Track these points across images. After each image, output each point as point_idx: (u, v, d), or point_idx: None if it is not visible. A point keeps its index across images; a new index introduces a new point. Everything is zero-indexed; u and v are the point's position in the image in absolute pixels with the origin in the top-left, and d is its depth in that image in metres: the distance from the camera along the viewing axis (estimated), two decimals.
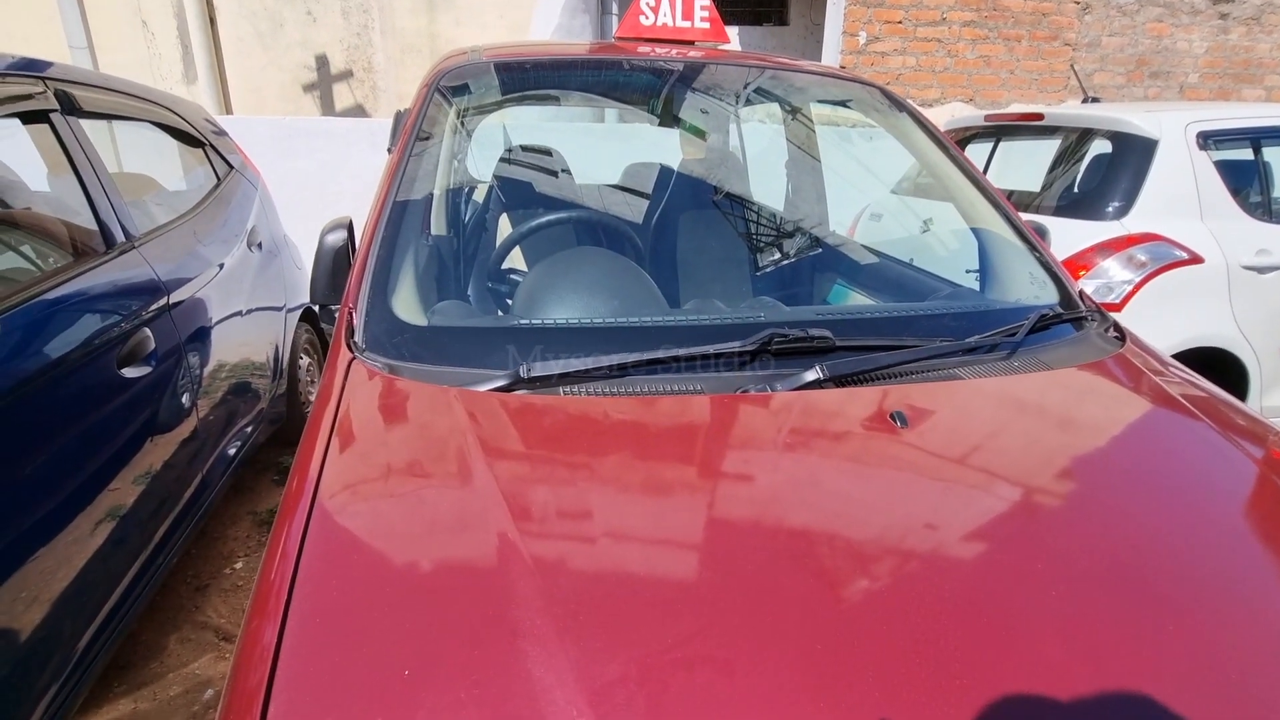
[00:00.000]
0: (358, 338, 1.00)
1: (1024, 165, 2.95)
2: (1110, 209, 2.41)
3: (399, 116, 1.52)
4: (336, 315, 1.16)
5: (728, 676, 0.55)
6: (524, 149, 1.99)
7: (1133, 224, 2.36)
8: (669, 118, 1.97)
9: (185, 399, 1.77)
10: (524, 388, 0.91)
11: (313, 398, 2.95)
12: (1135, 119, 2.47)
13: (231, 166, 2.63)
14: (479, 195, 1.89)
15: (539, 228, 1.60)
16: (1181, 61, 5.60)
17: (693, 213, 1.84)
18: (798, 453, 0.83)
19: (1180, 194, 2.38)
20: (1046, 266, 1.36)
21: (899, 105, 1.66)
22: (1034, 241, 1.41)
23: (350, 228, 1.23)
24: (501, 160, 1.94)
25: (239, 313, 2.21)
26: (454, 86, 1.48)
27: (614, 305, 1.26)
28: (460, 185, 1.76)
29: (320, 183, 3.94)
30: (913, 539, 0.72)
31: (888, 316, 1.18)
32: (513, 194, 1.85)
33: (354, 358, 0.97)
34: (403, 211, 1.20)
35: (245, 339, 2.25)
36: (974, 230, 1.49)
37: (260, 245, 2.55)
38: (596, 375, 0.92)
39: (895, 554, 0.70)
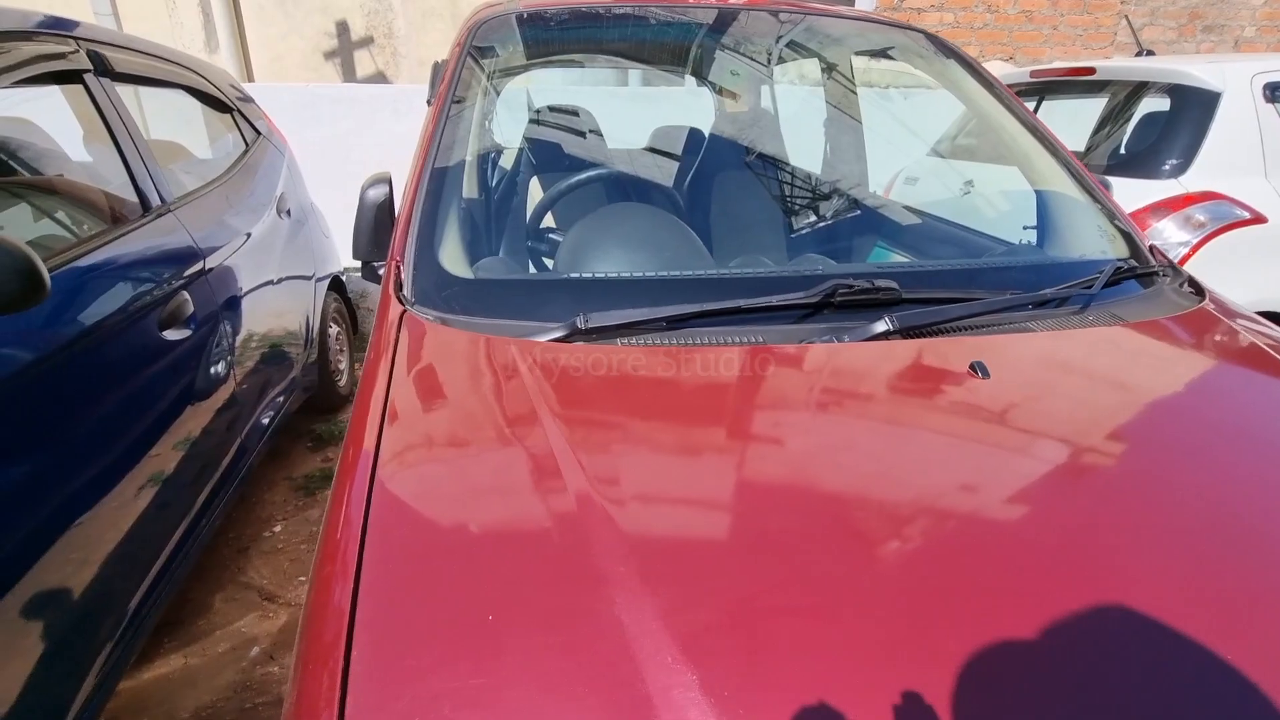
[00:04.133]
0: (407, 291, 0.98)
1: (1069, 125, 2.82)
2: (1167, 167, 2.30)
3: (437, 67, 1.48)
4: (380, 272, 1.14)
5: (819, 624, 0.53)
6: (553, 110, 1.94)
7: (1191, 182, 2.25)
8: (714, 71, 1.90)
9: (223, 365, 1.77)
10: (580, 339, 0.88)
11: (342, 367, 2.97)
12: (1197, 70, 2.34)
13: (259, 133, 2.60)
14: (509, 156, 1.85)
15: (577, 185, 1.56)
16: (1238, 14, 5.30)
17: (726, 174, 1.78)
18: (878, 403, 0.80)
19: (1244, 150, 2.26)
20: (1115, 220, 1.29)
21: (947, 50, 1.58)
22: (1100, 193, 1.34)
23: (390, 183, 1.20)
24: (531, 122, 1.89)
25: (271, 280, 2.21)
26: (489, 41, 1.43)
27: (663, 259, 1.22)
28: (494, 144, 1.73)
29: (344, 150, 3.91)
30: (1015, 491, 0.69)
31: (952, 269, 1.13)
32: (544, 156, 1.81)
33: (405, 310, 0.95)
34: (444, 168, 1.17)
35: (278, 306, 2.25)
36: (1034, 183, 1.42)
37: (289, 212, 2.54)
38: (655, 326, 0.90)
39: (997, 506, 0.67)
